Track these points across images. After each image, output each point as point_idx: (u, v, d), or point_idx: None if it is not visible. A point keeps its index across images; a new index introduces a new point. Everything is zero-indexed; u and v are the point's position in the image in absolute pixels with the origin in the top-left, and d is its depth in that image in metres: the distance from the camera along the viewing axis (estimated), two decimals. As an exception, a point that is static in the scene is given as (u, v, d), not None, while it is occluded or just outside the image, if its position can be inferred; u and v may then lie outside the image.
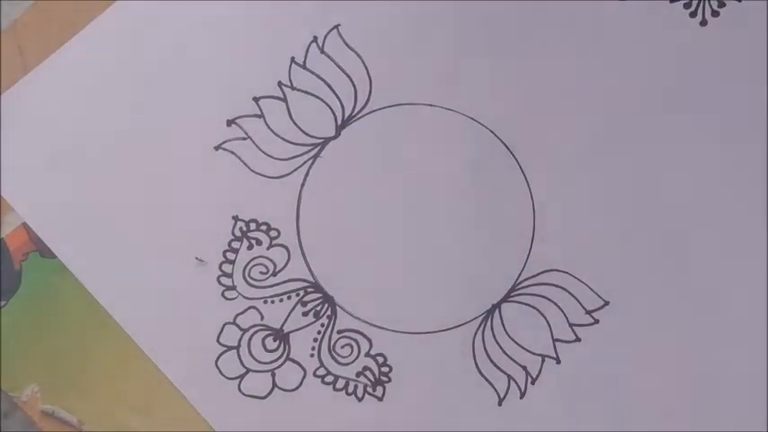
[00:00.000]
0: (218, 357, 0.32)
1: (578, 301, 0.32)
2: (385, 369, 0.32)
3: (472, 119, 0.33)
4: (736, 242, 0.32)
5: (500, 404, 0.31)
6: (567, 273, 0.32)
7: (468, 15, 0.33)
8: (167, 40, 0.35)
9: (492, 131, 0.33)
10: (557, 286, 0.32)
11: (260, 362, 0.32)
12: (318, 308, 0.32)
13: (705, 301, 0.32)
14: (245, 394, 0.32)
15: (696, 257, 0.32)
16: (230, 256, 0.33)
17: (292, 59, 0.33)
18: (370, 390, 0.32)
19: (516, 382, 0.32)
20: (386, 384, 0.32)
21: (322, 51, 0.33)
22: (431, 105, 0.33)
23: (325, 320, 0.32)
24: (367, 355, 0.32)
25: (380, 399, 0.32)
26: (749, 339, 0.31)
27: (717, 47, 0.33)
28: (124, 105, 0.34)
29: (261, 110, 0.33)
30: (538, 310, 0.32)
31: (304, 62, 0.33)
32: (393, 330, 0.32)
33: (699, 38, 0.33)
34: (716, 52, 0.33)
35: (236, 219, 0.33)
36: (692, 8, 0.33)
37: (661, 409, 0.31)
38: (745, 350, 0.31)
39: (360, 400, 0.32)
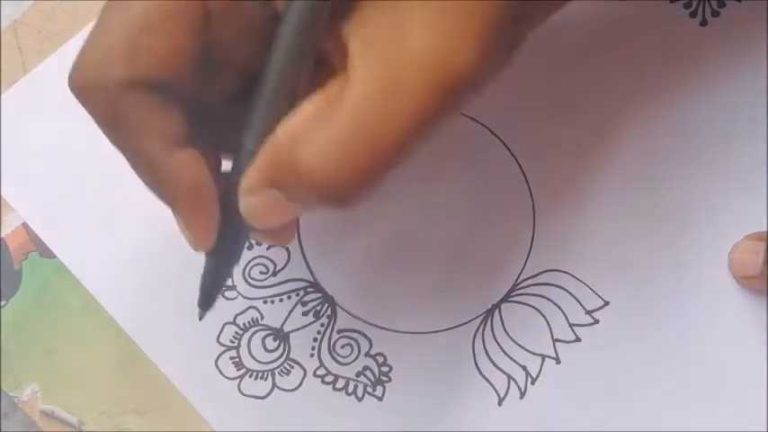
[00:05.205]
0: (218, 357, 0.32)
1: (578, 301, 0.32)
2: (385, 369, 0.32)
3: (471, 118, 0.33)
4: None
5: (500, 404, 0.31)
6: (567, 273, 0.32)
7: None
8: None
9: (492, 131, 0.33)
10: (557, 286, 0.32)
11: (260, 362, 0.32)
12: (318, 308, 0.32)
13: (706, 300, 0.32)
14: (244, 394, 0.32)
15: (697, 257, 0.32)
16: (230, 256, 0.33)
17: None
18: (370, 390, 0.32)
19: (516, 382, 0.32)
20: (386, 384, 0.32)
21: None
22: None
23: (325, 320, 0.32)
24: (367, 354, 0.32)
25: (380, 399, 0.32)
26: (750, 339, 0.31)
27: (717, 47, 0.33)
28: (124, 105, 0.34)
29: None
30: (538, 310, 0.32)
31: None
32: (393, 330, 0.32)
33: (699, 38, 0.33)
34: (716, 52, 0.33)
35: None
36: (692, 8, 0.33)
37: (661, 408, 0.31)
38: (746, 349, 0.31)
39: (360, 400, 0.32)
